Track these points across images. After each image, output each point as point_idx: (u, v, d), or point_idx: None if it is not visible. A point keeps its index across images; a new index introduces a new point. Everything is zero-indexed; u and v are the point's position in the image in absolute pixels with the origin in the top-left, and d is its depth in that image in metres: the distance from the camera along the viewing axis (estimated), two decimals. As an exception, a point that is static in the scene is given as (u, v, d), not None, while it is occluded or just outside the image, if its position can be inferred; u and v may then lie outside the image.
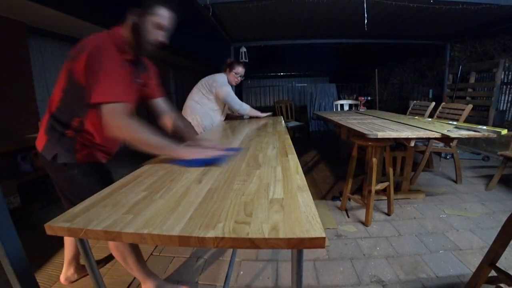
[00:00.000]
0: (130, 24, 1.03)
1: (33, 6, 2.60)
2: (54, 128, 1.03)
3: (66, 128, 1.02)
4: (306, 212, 0.57)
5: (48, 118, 1.05)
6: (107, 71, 0.92)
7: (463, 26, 4.30)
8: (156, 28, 1.03)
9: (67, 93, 1.00)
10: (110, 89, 0.91)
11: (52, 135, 1.03)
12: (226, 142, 1.45)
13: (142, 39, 1.03)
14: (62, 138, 1.02)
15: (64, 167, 1.04)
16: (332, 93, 5.63)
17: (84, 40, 1.00)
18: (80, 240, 0.61)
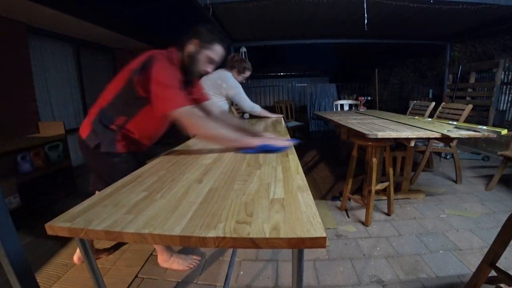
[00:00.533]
0: (188, 52, 1.17)
1: (33, 6, 2.60)
2: (101, 121, 1.18)
3: (111, 123, 1.18)
4: (307, 212, 0.57)
5: (98, 111, 1.19)
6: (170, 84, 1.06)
7: (463, 26, 4.31)
8: (208, 61, 1.19)
9: (121, 96, 1.15)
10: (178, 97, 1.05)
11: (97, 127, 1.18)
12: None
13: (195, 67, 1.18)
14: (106, 130, 1.18)
15: (107, 155, 1.19)
16: (332, 93, 5.63)
17: (145, 55, 1.13)
18: (80, 240, 0.61)
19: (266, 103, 9.00)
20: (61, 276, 1.49)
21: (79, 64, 3.97)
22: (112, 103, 1.17)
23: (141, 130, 1.23)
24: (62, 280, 1.46)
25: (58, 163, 2.70)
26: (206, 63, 1.19)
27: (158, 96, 1.05)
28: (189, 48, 1.16)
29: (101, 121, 1.18)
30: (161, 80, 1.04)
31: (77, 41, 3.88)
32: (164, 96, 1.05)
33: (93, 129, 1.18)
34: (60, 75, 3.66)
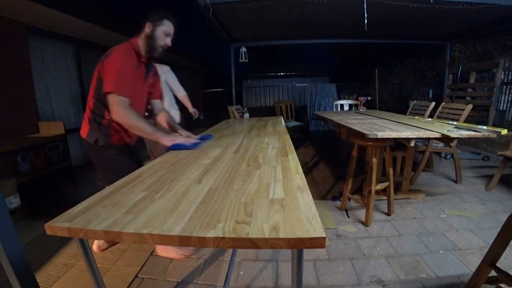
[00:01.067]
0: (145, 33, 1.36)
1: (33, 6, 2.60)
2: (94, 119, 1.34)
3: (102, 119, 1.33)
4: (306, 212, 0.57)
5: (89, 112, 1.35)
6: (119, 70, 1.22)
7: (463, 26, 4.30)
8: (164, 35, 1.38)
9: (98, 90, 1.28)
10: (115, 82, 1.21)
11: (92, 125, 1.35)
12: (227, 142, 1.45)
13: (155, 44, 1.36)
14: (100, 126, 1.34)
15: (103, 148, 1.36)
16: (332, 93, 5.63)
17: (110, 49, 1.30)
18: (80, 240, 0.61)
19: (266, 103, 8.99)
20: (61, 276, 1.49)
21: (79, 64, 3.97)
22: (95, 101, 1.33)
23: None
24: (62, 280, 1.46)
25: (58, 163, 2.70)
26: (164, 37, 1.38)
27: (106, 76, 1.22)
28: (145, 31, 1.36)
29: (94, 120, 1.35)
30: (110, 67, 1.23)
31: (77, 41, 3.89)
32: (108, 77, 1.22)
33: (90, 128, 1.36)
34: (60, 75, 3.66)
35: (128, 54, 1.31)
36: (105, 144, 1.35)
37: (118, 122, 1.26)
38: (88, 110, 1.36)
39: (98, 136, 1.34)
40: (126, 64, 1.28)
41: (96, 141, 1.34)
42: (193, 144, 1.35)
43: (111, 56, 1.25)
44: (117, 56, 1.25)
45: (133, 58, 1.33)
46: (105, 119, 1.33)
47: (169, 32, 1.39)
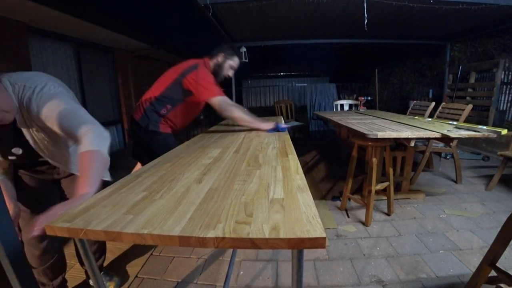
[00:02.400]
0: (216, 61, 1.71)
1: (33, 6, 2.60)
2: (154, 108, 1.61)
3: (160, 110, 1.61)
4: (307, 212, 0.56)
5: (151, 101, 1.62)
6: (211, 81, 1.59)
7: (463, 26, 4.30)
8: (230, 68, 1.73)
9: (170, 90, 1.61)
10: (217, 90, 1.58)
11: (149, 112, 1.61)
12: (227, 142, 1.45)
13: (222, 72, 1.72)
14: (154, 115, 1.61)
15: (153, 133, 1.61)
16: (332, 93, 5.63)
17: (191, 62, 1.65)
18: (80, 240, 0.61)
19: (266, 103, 9.00)
20: (61, 276, 1.49)
21: (79, 64, 3.97)
22: (162, 94, 1.62)
23: (177, 118, 1.68)
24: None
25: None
26: (229, 69, 1.73)
27: (205, 88, 1.56)
28: (217, 59, 1.70)
29: (153, 108, 1.61)
30: (206, 79, 1.57)
31: (77, 41, 3.89)
32: (208, 88, 1.56)
33: (145, 115, 1.62)
34: (60, 75, 3.66)
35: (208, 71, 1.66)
36: (155, 130, 1.63)
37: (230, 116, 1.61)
38: (148, 100, 1.64)
39: (150, 122, 1.62)
40: (212, 77, 1.63)
41: (147, 125, 1.62)
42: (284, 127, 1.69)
43: (199, 71, 1.59)
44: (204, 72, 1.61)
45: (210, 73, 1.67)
46: (162, 111, 1.63)
47: (234, 67, 1.75)
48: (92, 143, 0.84)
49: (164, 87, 1.63)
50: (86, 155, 0.81)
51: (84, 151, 0.82)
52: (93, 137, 0.86)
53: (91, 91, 4.21)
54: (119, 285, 1.43)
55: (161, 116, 1.63)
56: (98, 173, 0.80)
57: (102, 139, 0.88)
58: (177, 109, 1.66)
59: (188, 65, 1.63)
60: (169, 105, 1.63)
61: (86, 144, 0.83)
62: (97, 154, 0.82)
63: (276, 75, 12.33)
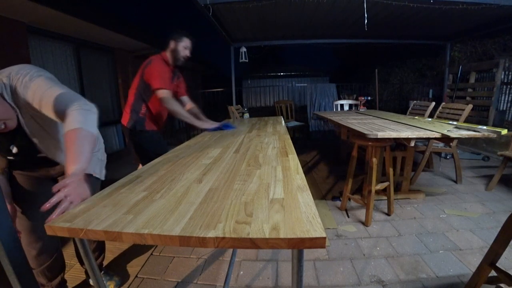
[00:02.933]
0: (170, 49, 1.84)
1: (33, 6, 2.60)
2: (135, 111, 1.81)
3: (140, 111, 1.81)
4: (307, 212, 0.57)
5: (130, 105, 1.81)
6: (161, 73, 1.75)
7: (463, 26, 4.30)
8: (184, 49, 1.85)
9: (140, 88, 1.79)
10: (165, 83, 1.74)
11: (133, 115, 1.81)
12: (227, 142, 1.45)
13: (178, 55, 1.85)
14: (138, 116, 1.81)
15: (140, 132, 1.81)
16: (332, 93, 5.63)
17: (149, 58, 1.80)
18: (80, 240, 0.61)
19: (266, 103, 8.99)
20: (61, 276, 1.49)
21: (79, 64, 3.97)
22: (136, 97, 1.81)
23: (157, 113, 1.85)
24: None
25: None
26: (184, 50, 1.85)
27: (154, 78, 1.72)
28: (170, 46, 1.84)
29: (134, 111, 1.81)
30: (157, 69, 1.74)
31: (77, 41, 3.88)
32: (157, 79, 1.72)
33: (130, 117, 1.81)
34: (60, 75, 3.66)
35: (163, 63, 1.81)
36: (141, 129, 1.81)
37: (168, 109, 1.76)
38: (129, 104, 1.83)
39: (136, 123, 1.79)
40: (164, 69, 1.78)
41: (134, 127, 1.80)
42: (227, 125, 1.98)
43: (152, 63, 1.75)
44: (157, 64, 1.76)
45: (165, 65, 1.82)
46: (141, 111, 1.81)
47: (188, 46, 1.87)
48: (75, 121, 0.82)
49: (135, 89, 1.81)
50: (70, 134, 0.80)
51: (68, 130, 0.81)
52: (77, 115, 0.84)
53: (91, 91, 4.21)
54: (119, 285, 1.43)
55: (143, 115, 1.81)
56: (84, 150, 0.78)
57: (87, 115, 0.85)
58: (151, 104, 1.81)
59: (146, 61, 1.80)
60: (143, 104, 1.81)
61: (69, 122, 0.82)
62: (78, 131, 0.80)
63: (276, 75, 12.33)
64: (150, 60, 1.77)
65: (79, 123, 0.81)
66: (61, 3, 2.81)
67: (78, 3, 3.10)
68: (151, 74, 1.72)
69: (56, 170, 1.19)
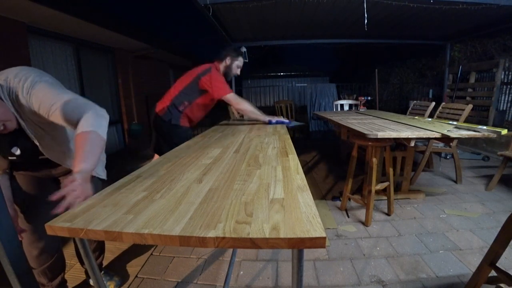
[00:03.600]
0: (225, 64, 2.00)
1: (33, 6, 2.60)
2: (174, 105, 1.91)
3: (179, 106, 1.91)
4: (307, 212, 0.57)
5: (171, 99, 1.91)
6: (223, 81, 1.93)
7: (463, 26, 4.30)
8: (237, 68, 2.05)
9: (187, 88, 1.92)
10: (229, 88, 1.93)
11: (171, 108, 1.90)
12: (227, 142, 1.45)
13: (230, 72, 2.03)
14: (175, 111, 1.91)
15: (175, 126, 1.91)
16: (332, 93, 5.63)
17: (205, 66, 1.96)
18: (80, 240, 0.61)
19: (266, 103, 9.00)
20: (61, 276, 1.49)
21: (79, 64, 3.97)
22: (181, 93, 1.92)
23: (193, 112, 1.98)
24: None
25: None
26: (236, 69, 2.05)
27: (219, 87, 1.88)
28: (226, 61, 2.00)
29: (174, 105, 1.90)
30: (219, 79, 1.91)
31: (77, 41, 3.89)
32: (222, 87, 1.89)
33: (168, 111, 1.90)
34: (60, 75, 3.66)
35: (219, 73, 1.97)
36: (176, 124, 1.91)
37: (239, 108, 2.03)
38: (169, 97, 1.93)
39: (172, 117, 1.90)
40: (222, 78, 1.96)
41: (170, 120, 1.90)
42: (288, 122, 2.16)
43: (212, 74, 1.90)
44: (217, 74, 1.92)
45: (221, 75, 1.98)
46: (180, 107, 1.92)
47: (240, 66, 2.06)
48: (88, 124, 0.84)
49: (183, 87, 1.92)
50: (80, 136, 0.82)
51: (78, 133, 0.83)
52: (91, 118, 0.86)
53: (91, 91, 4.21)
54: (119, 285, 1.43)
55: (180, 111, 1.92)
56: (93, 151, 0.81)
57: (100, 120, 0.88)
58: (193, 105, 1.95)
59: (203, 68, 1.93)
60: (186, 102, 1.92)
61: (80, 126, 0.84)
62: (91, 133, 0.83)
63: (276, 75, 12.33)
64: (209, 69, 1.91)
65: (93, 126, 0.84)
66: (61, 3, 2.81)
67: (78, 3, 3.10)
68: (215, 84, 1.86)
69: (57, 170, 1.19)
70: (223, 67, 2.00)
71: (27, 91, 0.87)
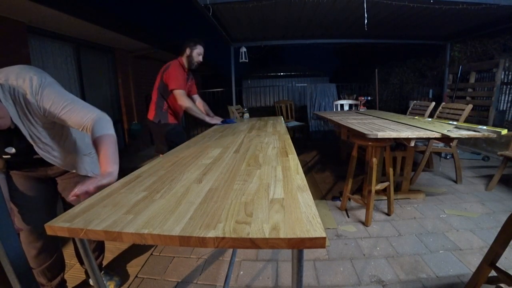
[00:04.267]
0: (186, 55, 2.13)
1: (33, 6, 2.60)
2: (158, 106, 2.11)
3: (163, 107, 2.11)
4: (307, 212, 0.57)
5: (155, 102, 2.11)
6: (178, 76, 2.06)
7: (463, 26, 4.30)
8: (197, 55, 2.15)
9: (160, 88, 2.09)
10: (180, 84, 2.05)
11: (157, 111, 2.11)
12: (227, 142, 1.45)
13: (193, 60, 2.15)
14: (162, 111, 2.11)
15: (164, 125, 2.11)
16: (332, 93, 5.63)
17: (168, 63, 2.11)
18: (80, 240, 0.61)
19: (266, 103, 8.99)
20: (61, 276, 1.49)
21: (79, 64, 3.97)
22: (158, 95, 2.10)
23: (175, 108, 2.14)
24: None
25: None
26: (197, 56, 2.14)
27: (171, 80, 2.03)
28: (186, 52, 2.13)
29: (159, 107, 2.11)
30: (174, 73, 2.04)
31: (77, 41, 3.88)
32: (174, 81, 2.03)
33: (156, 113, 2.11)
34: (60, 75, 3.66)
35: (179, 67, 2.11)
36: (165, 123, 2.10)
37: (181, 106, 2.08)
38: (154, 102, 2.12)
39: (160, 118, 2.10)
40: (180, 72, 2.08)
41: (159, 121, 2.10)
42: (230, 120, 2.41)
43: (170, 68, 2.05)
44: (174, 68, 2.05)
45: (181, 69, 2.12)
46: (164, 107, 2.10)
47: (201, 53, 2.16)
48: (102, 127, 0.93)
49: (157, 87, 2.10)
50: (101, 138, 0.90)
51: (99, 135, 0.90)
52: (101, 122, 0.94)
53: (91, 91, 4.21)
54: (119, 285, 1.43)
55: (165, 110, 2.10)
56: (116, 153, 0.90)
57: (108, 123, 0.97)
58: (170, 102, 2.11)
59: (166, 65, 2.10)
60: (165, 100, 2.10)
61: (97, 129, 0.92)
62: (109, 137, 0.92)
63: (276, 75, 12.32)
64: (169, 65, 2.07)
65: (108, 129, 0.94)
66: (61, 3, 2.81)
67: (78, 3, 3.10)
68: (169, 77, 2.03)
69: (54, 170, 1.19)
70: (185, 58, 2.13)
71: (36, 91, 0.91)
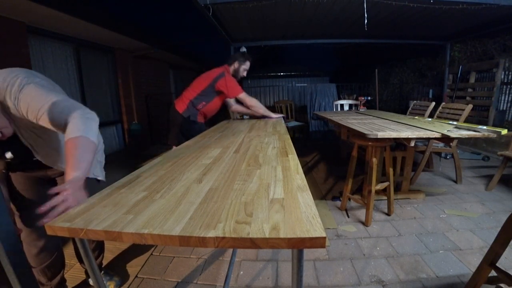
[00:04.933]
0: (234, 67, 2.33)
1: (33, 6, 2.60)
2: (193, 104, 2.21)
3: (197, 105, 2.22)
4: (307, 212, 0.57)
5: (191, 99, 2.21)
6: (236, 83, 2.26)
7: (463, 26, 4.30)
8: (243, 71, 2.37)
9: (205, 91, 2.22)
10: (241, 89, 2.28)
11: (190, 107, 2.21)
12: (227, 142, 1.45)
13: (238, 75, 2.36)
14: (194, 109, 2.22)
15: (192, 122, 2.22)
16: (332, 93, 5.63)
17: (220, 69, 2.28)
18: (80, 240, 0.61)
19: (266, 103, 8.99)
20: (61, 276, 1.49)
21: (79, 64, 3.97)
22: (199, 95, 2.22)
23: (208, 110, 2.30)
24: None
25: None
26: (243, 71, 2.37)
27: (233, 88, 2.23)
28: (234, 66, 2.33)
29: (192, 104, 2.21)
30: (233, 82, 2.24)
31: (77, 41, 3.89)
32: (235, 88, 2.24)
33: (187, 108, 2.21)
34: (60, 75, 3.66)
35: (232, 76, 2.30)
36: (195, 120, 2.23)
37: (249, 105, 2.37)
38: (188, 98, 2.22)
39: (190, 114, 2.20)
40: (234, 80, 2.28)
41: (189, 117, 2.20)
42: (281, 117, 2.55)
43: (226, 78, 2.21)
44: (230, 77, 2.24)
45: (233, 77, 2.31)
46: (198, 106, 2.22)
47: (247, 69, 2.38)
48: (76, 129, 0.81)
49: (201, 90, 2.24)
50: (69, 142, 0.79)
51: (67, 139, 0.80)
52: (78, 123, 0.83)
53: (91, 91, 4.21)
54: (119, 285, 1.43)
55: (198, 110, 2.25)
56: (83, 157, 0.78)
57: (88, 123, 0.85)
58: (209, 104, 2.28)
59: (217, 73, 2.25)
60: (204, 102, 2.25)
61: (69, 131, 0.81)
62: (80, 139, 0.80)
63: (276, 75, 12.31)
64: (223, 73, 2.24)
65: (80, 131, 0.81)
66: (61, 3, 2.81)
67: (78, 3, 3.10)
68: (228, 86, 2.21)
69: (53, 170, 1.19)
70: (232, 70, 2.34)
71: (14, 96, 0.83)
